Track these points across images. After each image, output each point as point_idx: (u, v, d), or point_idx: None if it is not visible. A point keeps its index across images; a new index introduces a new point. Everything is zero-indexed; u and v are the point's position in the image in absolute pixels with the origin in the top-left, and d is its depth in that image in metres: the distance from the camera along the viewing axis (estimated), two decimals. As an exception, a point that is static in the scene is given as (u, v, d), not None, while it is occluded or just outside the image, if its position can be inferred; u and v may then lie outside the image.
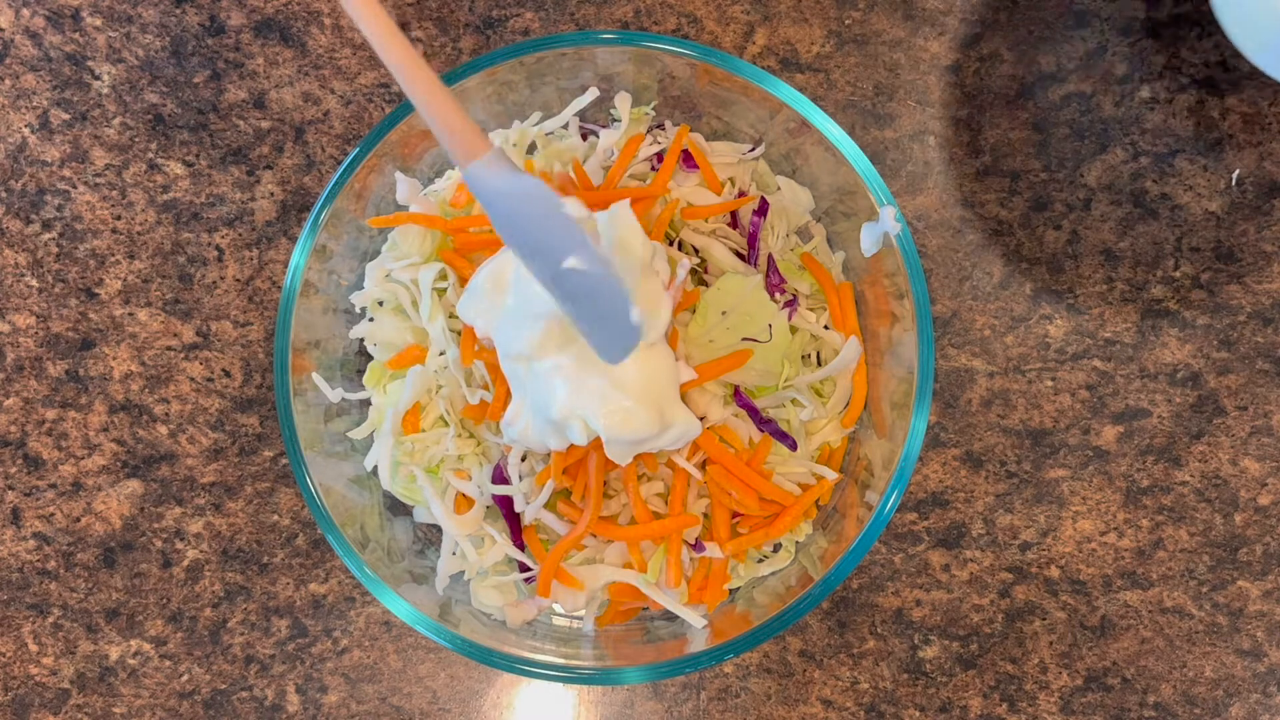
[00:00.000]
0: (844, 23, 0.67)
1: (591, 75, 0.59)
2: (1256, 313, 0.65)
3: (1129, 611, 0.64)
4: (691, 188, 0.60)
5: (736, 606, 0.58)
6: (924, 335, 0.54)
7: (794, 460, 0.58)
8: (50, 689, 0.63)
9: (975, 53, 0.67)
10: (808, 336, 0.59)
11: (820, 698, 0.63)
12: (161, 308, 0.65)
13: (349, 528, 0.54)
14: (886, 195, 0.55)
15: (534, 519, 0.56)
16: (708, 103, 0.60)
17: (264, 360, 0.65)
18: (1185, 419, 0.65)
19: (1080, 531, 0.64)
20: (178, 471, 0.64)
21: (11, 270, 0.65)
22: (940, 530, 0.64)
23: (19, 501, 0.64)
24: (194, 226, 0.65)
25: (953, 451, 0.65)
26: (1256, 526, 0.64)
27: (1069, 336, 0.65)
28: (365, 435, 0.59)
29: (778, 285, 0.59)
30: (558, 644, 0.57)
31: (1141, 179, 0.66)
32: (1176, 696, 0.64)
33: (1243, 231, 0.66)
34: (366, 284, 0.60)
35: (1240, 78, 0.66)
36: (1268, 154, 0.66)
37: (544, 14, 0.67)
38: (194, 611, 0.63)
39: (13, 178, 0.66)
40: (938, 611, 0.64)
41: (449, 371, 0.57)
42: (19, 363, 0.65)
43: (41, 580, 0.64)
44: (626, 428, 0.50)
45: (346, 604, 0.63)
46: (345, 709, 0.63)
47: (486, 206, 0.45)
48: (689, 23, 0.66)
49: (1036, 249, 0.66)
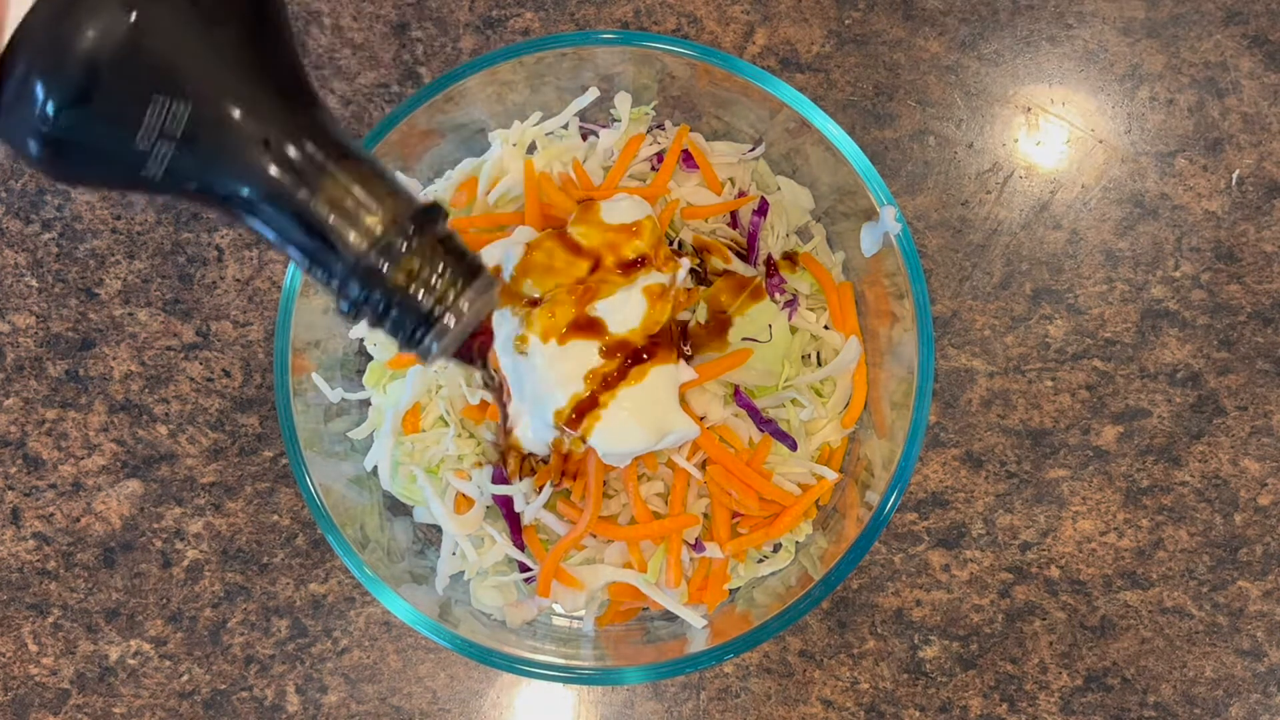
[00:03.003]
0: (844, 23, 0.67)
1: (591, 75, 0.59)
2: (1256, 313, 0.65)
3: (1129, 611, 0.64)
4: (691, 188, 0.60)
5: (736, 606, 0.58)
6: (924, 335, 0.54)
7: (794, 460, 0.58)
8: (50, 689, 0.63)
9: (975, 53, 0.67)
10: (808, 336, 0.59)
11: (820, 698, 0.63)
12: (161, 308, 0.65)
13: (349, 528, 0.54)
14: (886, 195, 0.55)
15: (534, 519, 0.56)
16: (708, 103, 0.60)
17: (264, 360, 0.65)
18: (1185, 419, 0.65)
19: (1080, 531, 0.64)
20: (178, 471, 0.64)
21: (11, 270, 0.65)
22: (940, 530, 0.64)
23: (19, 501, 0.64)
24: (194, 226, 0.65)
25: (953, 451, 0.65)
26: (1256, 526, 0.64)
27: (1069, 336, 0.65)
28: (365, 435, 0.59)
29: (778, 285, 0.59)
30: (558, 644, 0.57)
31: (1141, 179, 0.66)
32: (1176, 696, 0.64)
33: (1243, 231, 0.66)
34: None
35: (1240, 78, 0.66)
36: (1268, 154, 0.66)
37: (544, 14, 0.67)
38: (194, 611, 0.63)
39: (13, 178, 0.66)
40: (938, 611, 0.64)
41: (449, 371, 0.57)
42: (19, 363, 0.65)
43: (41, 580, 0.64)
44: (623, 443, 0.51)
45: (346, 604, 0.63)
46: (345, 709, 0.63)
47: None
48: (689, 23, 0.66)
49: (1036, 249, 0.66)
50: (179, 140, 0.32)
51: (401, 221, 0.34)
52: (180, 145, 0.32)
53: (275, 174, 0.33)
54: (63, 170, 0.34)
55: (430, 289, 0.35)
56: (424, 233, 0.35)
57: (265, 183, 0.33)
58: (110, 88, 0.31)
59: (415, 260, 0.34)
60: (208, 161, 0.33)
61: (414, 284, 0.35)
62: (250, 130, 0.33)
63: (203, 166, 0.33)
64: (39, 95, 0.31)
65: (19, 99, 0.32)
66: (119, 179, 0.34)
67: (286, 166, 0.33)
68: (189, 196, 0.34)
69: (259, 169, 0.33)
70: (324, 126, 0.34)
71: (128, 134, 0.32)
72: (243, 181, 0.33)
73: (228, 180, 0.33)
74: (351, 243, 0.34)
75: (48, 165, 0.33)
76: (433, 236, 0.35)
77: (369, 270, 0.34)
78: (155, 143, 0.32)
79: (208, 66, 0.32)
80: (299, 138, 0.33)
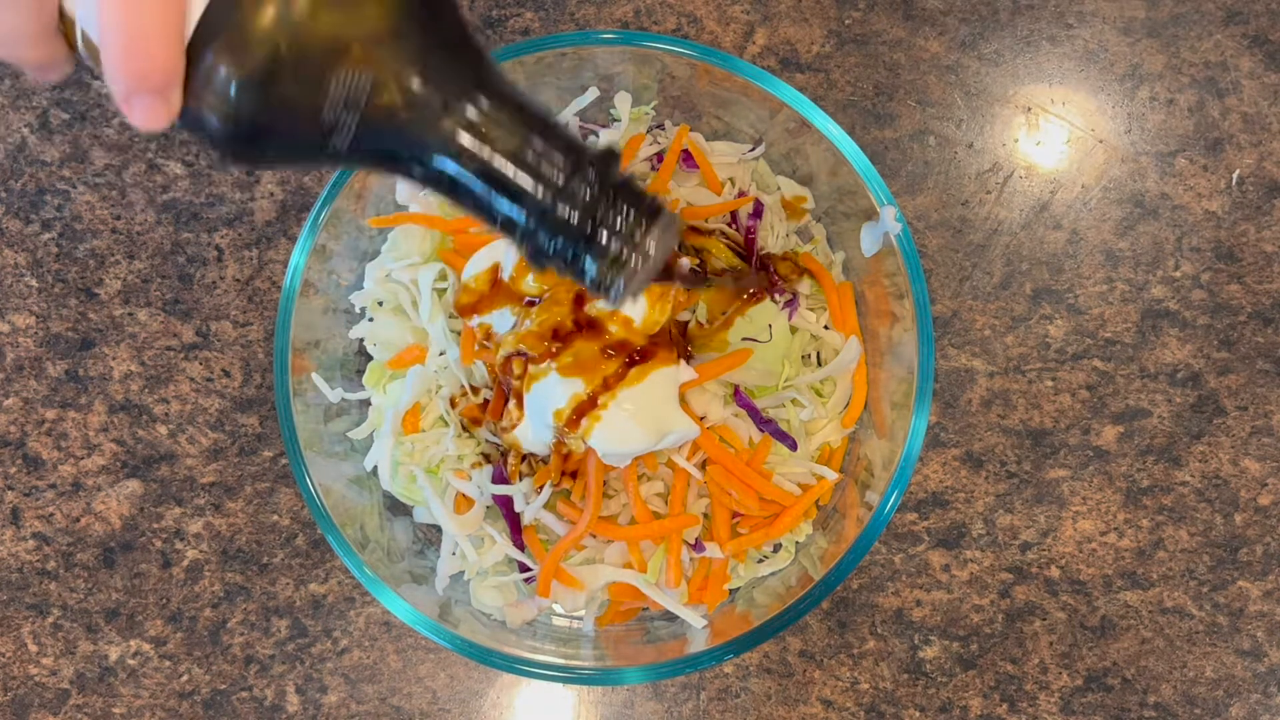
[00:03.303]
0: (844, 23, 0.67)
1: (591, 75, 0.59)
2: (1256, 313, 0.65)
3: (1129, 612, 0.64)
4: (691, 188, 0.60)
5: (736, 606, 0.58)
6: (924, 335, 0.54)
7: (794, 460, 0.58)
8: (50, 689, 0.63)
9: (975, 52, 0.67)
10: (808, 336, 0.59)
11: (820, 698, 0.63)
12: (161, 308, 0.65)
13: (349, 528, 0.54)
14: (886, 195, 0.55)
15: (534, 519, 0.56)
16: (708, 103, 0.60)
17: (264, 360, 0.65)
18: (1185, 419, 0.65)
19: (1080, 532, 0.64)
20: (177, 471, 0.64)
21: (11, 270, 0.65)
22: (940, 530, 0.64)
23: (19, 501, 0.64)
24: (194, 226, 0.65)
25: (953, 451, 0.65)
26: (1257, 526, 0.64)
27: (1069, 336, 0.65)
28: (365, 435, 0.59)
29: (777, 285, 0.59)
30: (558, 644, 0.57)
31: (1142, 179, 0.66)
32: (1177, 697, 0.64)
33: (1243, 231, 0.66)
34: (366, 284, 0.60)
35: (1240, 78, 0.66)
36: (1268, 154, 0.66)
37: (544, 14, 0.67)
38: (194, 612, 0.63)
39: (12, 178, 0.66)
40: (938, 612, 0.64)
41: (449, 371, 0.57)
42: (19, 363, 0.65)
43: (41, 580, 0.64)
44: (623, 444, 0.51)
45: (346, 604, 0.63)
46: (345, 709, 0.63)
47: None
48: (689, 23, 0.66)
49: (1037, 249, 0.66)
50: (363, 111, 0.33)
51: (582, 168, 0.35)
52: (364, 116, 0.33)
53: (458, 135, 0.34)
54: (253, 152, 0.35)
55: (616, 233, 0.35)
56: (604, 178, 0.35)
57: (449, 145, 0.34)
58: (294, 65, 0.32)
59: (600, 205, 0.35)
60: (391, 129, 0.34)
61: (601, 229, 0.35)
62: (429, 95, 0.33)
63: (386, 135, 0.34)
64: (228, 79, 0.32)
65: (208, 84, 0.33)
66: (307, 155, 0.35)
67: (467, 127, 0.34)
68: (372, 164, 0.35)
69: (442, 132, 0.34)
70: (496, 81, 0.35)
71: (315, 109, 0.33)
72: (427, 146, 0.34)
73: (413, 146, 0.34)
74: (537, 194, 0.34)
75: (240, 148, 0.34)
76: (612, 181, 0.36)
77: (555, 219, 0.35)
78: (340, 115, 0.33)
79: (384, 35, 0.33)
80: (475, 96, 0.34)
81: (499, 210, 0.35)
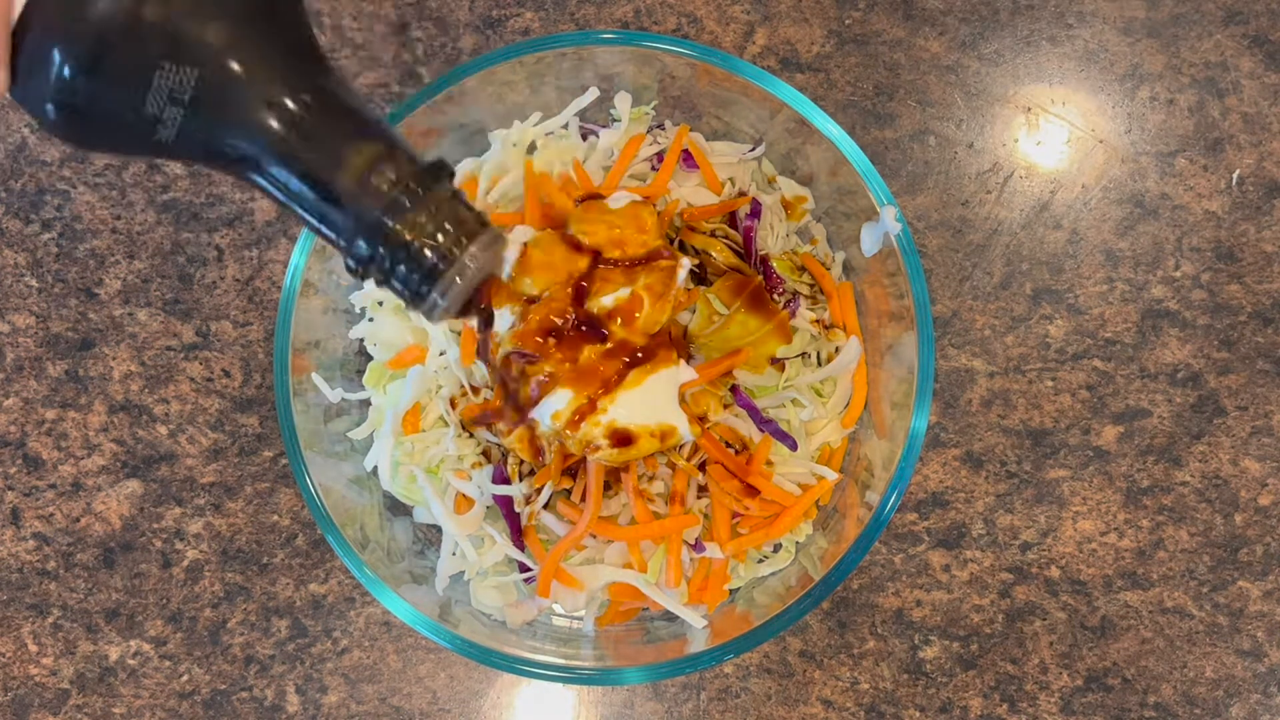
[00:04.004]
0: (844, 23, 0.67)
1: (591, 75, 0.59)
2: (1256, 313, 0.65)
3: (1129, 612, 0.64)
4: (691, 188, 0.60)
5: (736, 607, 0.58)
6: (924, 335, 0.54)
7: (794, 460, 0.58)
8: (50, 689, 0.63)
9: (975, 53, 0.67)
10: (808, 336, 0.59)
11: (820, 698, 0.63)
12: (161, 308, 0.65)
13: (349, 528, 0.54)
14: (886, 195, 0.55)
15: (534, 519, 0.56)
16: (708, 103, 0.60)
17: (264, 360, 0.65)
18: (1185, 419, 0.65)
19: (1080, 532, 0.64)
20: (177, 471, 0.64)
21: (11, 270, 0.65)
22: (940, 530, 0.64)
23: (19, 501, 0.64)
24: (194, 226, 0.65)
25: (953, 451, 0.65)
26: (1257, 527, 0.64)
27: (1069, 336, 0.65)
28: (365, 435, 0.59)
29: (777, 285, 0.59)
30: (558, 644, 0.57)
31: (1142, 179, 0.66)
32: (1177, 697, 0.64)
33: (1243, 231, 0.66)
34: (366, 284, 0.60)
35: (1240, 78, 0.66)
36: (1268, 154, 0.66)
37: (544, 14, 0.67)
38: (194, 612, 0.63)
39: (12, 178, 0.66)
40: (938, 612, 0.64)
41: (449, 371, 0.57)
42: (19, 363, 0.65)
43: (41, 580, 0.64)
44: None
45: (346, 604, 0.63)
46: (345, 709, 0.63)
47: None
48: (689, 23, 0.66)
49: (1037, 249, 0.66)
50: (187, 105, 0.33)
51: (407, 178, 0.35)
52: (189, 109, 0.33)
53: (280, 133, 0.33)
54: (79, 135, 0.35)
55: (436, 244, 0.35)
56: (430, 189, 0.35)
57: (271, 142, 0.34)
58: (119, 55, 0.32)
59: (421, 216, 0.35)
60: (216, 124, 0.33)
61: (420, 239, 0.35)
62: (255, 91, 0.33)
63: (212, 129, 0.34)
64: (52, 63, 0.32)
65: (34, 67, 0.33)
66: (133, 144, 0.35)
67: (290, 125, 0.33)
68: (202, 160, 0.35)
69: (264, 129, 0.33)
70: (329, 87, 0.35)
71: (138, 99, 0.32)
72: (250, 142, 0.34)
73: (237, 142, 0.34)
74: (359, 200, 0.34)
75: (64, 130, 0.34)
76: (438, 193, 0.35)
77: (376, 226, 0.35)
78: (165, 107, 0.33)
79: (211, 32, 0.33)
80: (302, 97, 0.34)
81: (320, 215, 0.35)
